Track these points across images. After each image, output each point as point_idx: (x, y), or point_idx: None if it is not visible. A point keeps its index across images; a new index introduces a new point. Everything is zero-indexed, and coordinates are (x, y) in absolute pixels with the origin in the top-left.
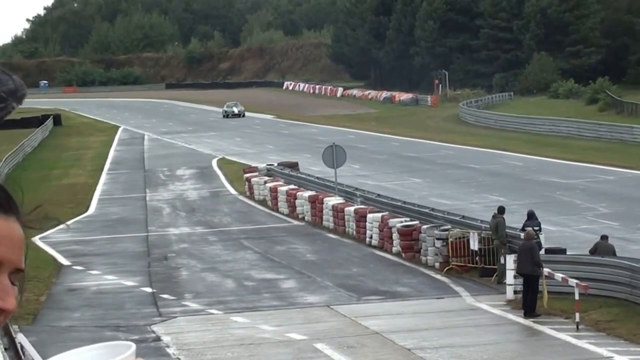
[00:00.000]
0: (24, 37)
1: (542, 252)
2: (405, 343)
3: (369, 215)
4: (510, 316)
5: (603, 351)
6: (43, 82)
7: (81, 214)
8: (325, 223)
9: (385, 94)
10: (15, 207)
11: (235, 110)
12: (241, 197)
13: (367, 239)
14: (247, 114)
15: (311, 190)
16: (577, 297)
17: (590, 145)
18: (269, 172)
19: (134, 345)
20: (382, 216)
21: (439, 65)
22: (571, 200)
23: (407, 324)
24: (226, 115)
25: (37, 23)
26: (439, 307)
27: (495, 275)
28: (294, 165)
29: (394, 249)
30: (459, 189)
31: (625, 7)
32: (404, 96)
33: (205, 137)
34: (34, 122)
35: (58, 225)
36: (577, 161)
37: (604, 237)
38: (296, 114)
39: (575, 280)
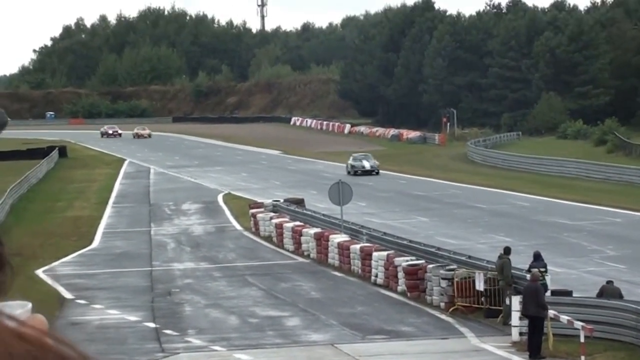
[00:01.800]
0: (31, 67)
1: (548, 293)
2: None
3: (375, 254)
4: (516, 358)
5: None
6: (49, 113)
7: (85, 247)
8: (330, 260)
9: (392, 131)
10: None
11: (367, 164)
12: (246, 233)
13: (373, 278)
14: (253, 149)
15: (317, 227)
16: (582, 339)
17: (598, 187)
18: (275, 208)
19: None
20: (388, 255)
21: (447, 104)
22: (578, 242)
23: None
24: (354, 171)
25: (44, 54)
26: (444, 348)
27: (500, 316)
28: (300, 202)
29: (399, 288)
30: (466, 228)
31: (635, 49)
32: (412, 134)
33: (211, 171)
34: (40, 153)
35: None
36: (584, 203)
37: (610, 282)
38: (303, 150)
39: (581, 323)
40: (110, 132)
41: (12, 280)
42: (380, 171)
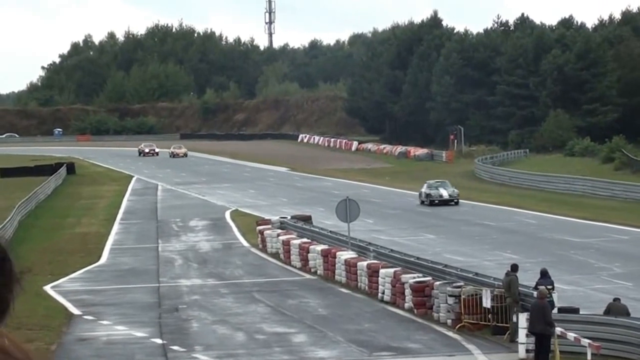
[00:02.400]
0: (39, 84)
1: (555, 311)
2: None
3: (382, 271)
4: None
5: None
6: (57, 130)
7: (92, 263)
8: (337, 277)
9: (400, 148)
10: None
11: (445, 193)
12: (254, 250)
13: (380, 295)
14: (260, 166)
15: (324, 244)
16: (589, 357)
17: (605, 204)
18: (282, 225)
19: None
20: (395, 272)
21: (455, 121)
22: (585, 260)
23: None
24: (430, 200)
25: (53, 71)
26: None
27: (507, 333)
28: (307, 219)
29: (406, 305)
30: (473, 245)
31: None
32: (419, 151)
33: (218, 188)
34: (48, 170)
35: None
36: (591, 220)
37: (617, 300)
38: (310, 167)
39: (588, 340)
40: (147, 150)
41: (17, 296)
42: (387, 188)
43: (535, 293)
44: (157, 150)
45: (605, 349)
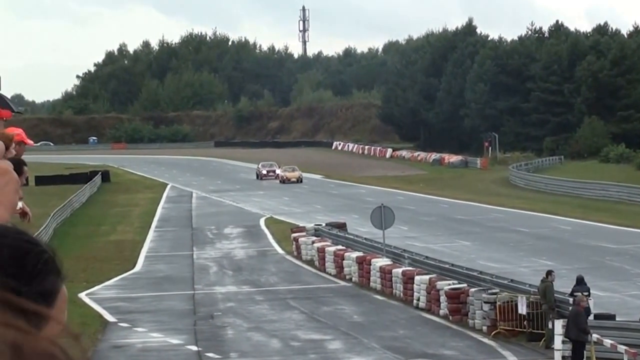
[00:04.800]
0: (74, 93)
1: (591, 317)
2: None
3: (417, 277)
4: None
5: None
6: (92, 138)
7: (128, 270)
8: (372, 284)
9: (434, 155)
10: (63, 269)
11: None
12: (288, 257)
13: (415, 301)
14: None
15: (359, 251)
16: None
17: None
18: (317, 232)
19: None
20: (430, 278)
21: (489, 128)
22: (621, 266)
23: None
24: None
25: (87, 79)
26: None
27: (543, 340)
28: (342, 226)
29: (441, 312)
30: (508, 252)
31: None
32: (454, 158)
33: (253, 195)
34: (82, 178)
35: None
36: (627, 226)
37: None
38: (345, 174)
39: (624, 347)
40: (265, 172)
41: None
42: (421, 195)
43: (571, 299)
44: (277, 171)
45: None
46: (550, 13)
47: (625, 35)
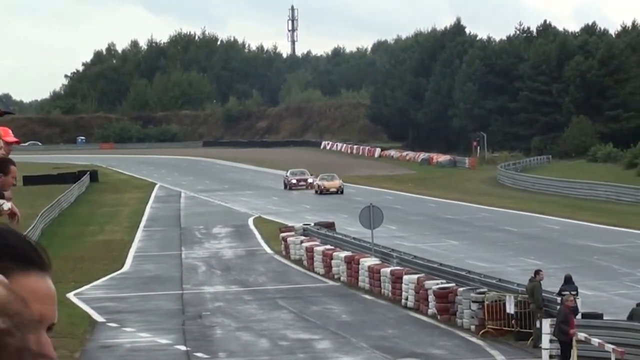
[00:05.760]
0: (62, 92)
1: (579, 316)
2: None
3: (405, 277)
4: None
5: None
6: (80, 138)
7: (116, 270)
8: (361, 284)
9: (423, 155)
10: (50, 263)
11: None
12: (277, 257)
13: (403, 301)
14: (283, 173)
15: (347, 250)
16: None
17: (629, 209)
18: (306, 232)
19: None
20: (418, 278)
21: (477, 127)
22: (609, 265)
23: None
24: None
25: (76, 79)
26: None
27: (531, 339)
28: (330, 225)
29: (430, 311)
30: (496, 251)
31: None
32: (442, 158)
33: (241, 195)
34: (71, 177)
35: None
36: (615, 226)
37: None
38: (333, 174)
39: (612, 346)
40: (295, 181)
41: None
42: (410, 195)
43: (559, 299)
44: (310, 179)
45: (629, 355)
46: (538, 13)
47: (613, 35)
